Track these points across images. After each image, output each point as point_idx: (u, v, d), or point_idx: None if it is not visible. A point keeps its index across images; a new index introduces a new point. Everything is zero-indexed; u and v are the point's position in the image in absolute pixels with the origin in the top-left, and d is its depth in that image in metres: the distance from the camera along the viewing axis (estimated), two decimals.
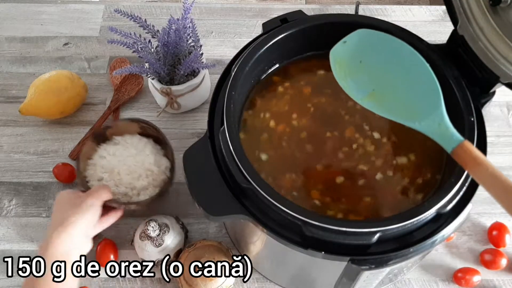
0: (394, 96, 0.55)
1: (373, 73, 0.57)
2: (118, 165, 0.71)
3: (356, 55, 0.58)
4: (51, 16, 0.99)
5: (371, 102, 0.56)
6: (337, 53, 0.58)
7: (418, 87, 0.55)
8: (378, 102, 0.55)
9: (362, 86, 0.56)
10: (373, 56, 0.58)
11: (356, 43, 0.58)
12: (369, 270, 0.52)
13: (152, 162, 0.72)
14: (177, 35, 0.76)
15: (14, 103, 0.88)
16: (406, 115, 0.54)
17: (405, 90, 0.55)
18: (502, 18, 0.58)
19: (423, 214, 0.51)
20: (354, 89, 0.56)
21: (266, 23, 0.65)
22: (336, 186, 0.60)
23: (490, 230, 0.76)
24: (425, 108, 0.53)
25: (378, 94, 0.56)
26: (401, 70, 0.56)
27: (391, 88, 0.56)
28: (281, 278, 0.72)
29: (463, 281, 0.72)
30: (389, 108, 0.55)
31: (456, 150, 0.50)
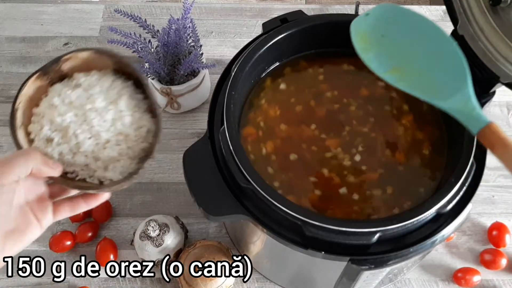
0: (418, 73, 0.53)
1: (395, 48, 0.55)
2: (75, 121, 0.49)
3: (378, 29, 0.56)
4: (51, 16, 0.98)
5: (394, 76, 0.53)
6: (359, 26, 0.56)
7: (443, 64, 0.53)
8: (401, 77, 0.53)
9: (384, 61, 0.54)
10: (396, 31, 0.56)
11: (379, 17, 0.56)
12: (369, 270, 0.52)
13: (127, 122, 0.50)
14: (177, 35, 0.76)
15: None
16: (430, 92, 0.52)
17: (430, 67, 0.53)
18: (502, 18, 0.58)
19: (423, 214, 0.51)
20: (376, 63, 0.54)
21: (266, 23, 0.65)
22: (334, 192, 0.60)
23: (490, 230, 0.76)
24: (451, 86, 0.51)
25: (401, 69, 0.54)
26: (425, 47, 0.54)
27: (415, 64, 0.54)
28: (281, 278, 0.72)
29: (463, 281, 0.72)
30: (412, 84, 0.53)
31: (483, 131, 0.48)
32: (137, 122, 0.50)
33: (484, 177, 0.56)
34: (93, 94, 0.49)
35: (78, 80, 0.51)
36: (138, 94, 0.52)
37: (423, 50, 0.54)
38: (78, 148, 0.48)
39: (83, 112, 0.49)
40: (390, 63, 0.54)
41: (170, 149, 0.84)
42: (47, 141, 0.49)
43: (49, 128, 0.49)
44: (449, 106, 0.50)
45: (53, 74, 0.51)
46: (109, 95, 0.50)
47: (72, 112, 0.49)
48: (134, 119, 0.50)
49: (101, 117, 0.49)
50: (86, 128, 0.49)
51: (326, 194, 0.59)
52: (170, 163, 0.82)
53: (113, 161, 0.49)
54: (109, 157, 0.49)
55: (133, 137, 0.50)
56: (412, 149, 0.62)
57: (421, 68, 0.53)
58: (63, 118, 0.48)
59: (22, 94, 0.49)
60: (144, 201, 0.79)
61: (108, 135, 0.49)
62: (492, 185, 0.81)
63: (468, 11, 0.62)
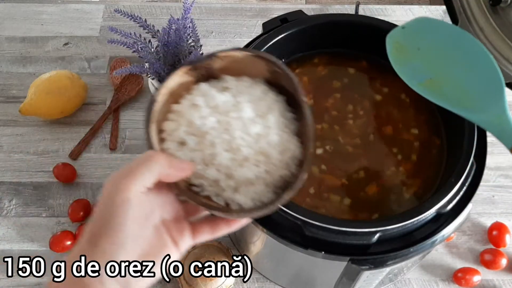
0: (452, 85, 0.53)
1: (431, 61, 0.55)
2: (216, 128, 0.42)
3: (415, 42, 0.56)
4: (51, 16, 0.98)
5: (426, 89, 0.54)
6: (395, 38, 0.57)
7: (478, 77, 0.53)
8: (434, 90, 0.54)
9: (419, 73, 0.55)
10: (432, 44, 0.56)
11: (415, 30, 0.57)
12: (369, 270, 0.52)
13: (274, 141, 0.42)
14: (177, 35, 0.76)
15: (14, 103, 0.87)
16: (463, 105, 0.52)
17: (464, 79, 0.53)
18: (502, 18, 0.58)
19: (423, 214, 0.51)
20: (409, 75, 0.55)
21: (266, 23, 0.65)
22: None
23: (490, 230, 0.76)
24: (485, 99, 0.51)
25: (435, 82, 0.54)
26: (460, 59, 0.54)
27: (449, 77, 0.54)
28: (281, 278, 0.72)
29: (463, 281, 0.72)
30: (445, 97, 0.53)
31: None
32: (284, 145, 0.43)
33: (484, 177, 0.56)
34: (242, 102, 0.43)
35: (227, 83, 0.45)
36: (289, 112, 0.45)
37: (458, 62, 0.54)
38: (212, 159, 0.41)
39: (227, 120, 0.42)
40: (425, 75, 0.54)
41: None
42: (180, 144, 0.42)
43: (186, 130, 0.42)
44: (483, 119, 0.50)
45: (202, 71, 0.44)
46: (258, 107, 0.43)
47: (215, 117, 0.42)
48: (282, 140, 0.43)
49: (245, 130, 0.42)
50: (226, 138, 0.41)
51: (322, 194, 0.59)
52: None
53: (247, 183, 0.42)
54: (244, 177, 0.41)
55: (275, 161, 0.42)
56: (412, 149, 0.62)
57: (455, 81, 0.53)
58: (204, 122, 0.42)
59: (165, 86, 0.43)
60: None
61: (248, 151, 0.41)
62: (492, 185, 0.81)
63: (468, 11, 0.62)
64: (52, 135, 0.85)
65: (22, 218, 0.78)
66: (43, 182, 0.81)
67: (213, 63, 0.44)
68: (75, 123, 0.86)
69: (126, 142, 0.84)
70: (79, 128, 0.85)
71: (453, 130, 0.60)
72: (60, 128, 0.86)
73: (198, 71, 0.44)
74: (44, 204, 0.79)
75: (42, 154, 0.83)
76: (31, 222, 0.77)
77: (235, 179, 0.41)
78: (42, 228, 0.77)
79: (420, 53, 0.56)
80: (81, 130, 0.85)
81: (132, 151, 0.84)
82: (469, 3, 0.62)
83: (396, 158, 0.61)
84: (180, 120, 0.43)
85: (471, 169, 0.54)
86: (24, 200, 0.79)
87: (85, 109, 0.88)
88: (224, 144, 0.41)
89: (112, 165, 0.82)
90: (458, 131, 0.57)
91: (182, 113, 0.43)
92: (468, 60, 0.54)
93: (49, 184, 0.80)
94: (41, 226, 0.77)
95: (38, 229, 0.77)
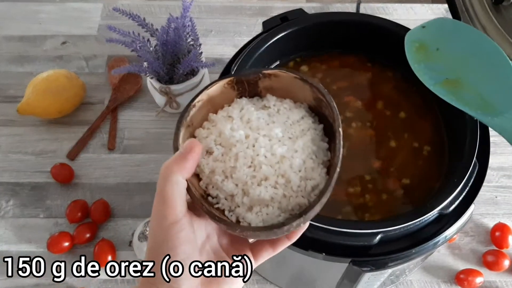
0: (469, 87, 0.53)
1: (449, 62, 0.55)
2: (243, 143, 0.42)
3: (434, 42, 0.56)
4: (49, 15, 0.98)
5: (443, 89, 0.54)
6: (414, 37, 0.57)
7: (495, 81, 0.53)
8: (450, 90, 0.54)
9: (436, 73, 0.55)
10: (451, 45, 0.56)
11: (435, 30, 0.57)
12: (370, 272, 0.51)
13: (296, 165, 0.42)
14: (176, 34, 0.75)
15: (11, 102, 0.87)
16: (479, 108, 0.52)
17: (481, 82, 0.53)
18: (505, 17, 0.58)
19: (426, 215, 0.51)
20: (426, 75, 0.55)
21: (266, 21, 0.65)
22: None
23: (493, 231, 0.75)
24: (501, 103, 0.51)
25: (452, 83, 0.54)
26: (478, 62, 0.54)
27: (466, 79, 0.54)
28: (281, 280, 0.71)
29: (466, 283, 0.71)
30: (461, 98, 0.53)
31: None
32: (307, 172, 0.42)
33: (487, 177, 0.55)
34: (276, 122, 0.43)
35: (268, 102, 0.45)
36: (323, 142, 0.44)
37: (476, 65, 0.54)
38: (232, 173, 0.41)
39: (255, 137, 0.42)
40: (442, 76, 0.54)
41: (169, 149, 0.83)
42: (207, 153, 0.42)
43: (215, 139, 0.42)
44: (497, 123, 0.50)
45: (247, 86, 0.44)
46: (291, 129, 0.43)
47: (245, 131, 0.42)
48: (306, 166, 0.42)
49: (270, 149, 0.41)
50: (250, 154, 0.41)
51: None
52: None
53: (262, 203, 0.41)
54: (260, 197, 0.40)
55: (295, 187, 0.41)
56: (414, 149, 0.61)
57: (472, 83, 0.53)
58: (233, 134, 0.42)
59: (206, 92, 0.43)
60: (143, 202, 0.79)
61: (269, 171, 0.41)
62: (495, 185, 0.80)
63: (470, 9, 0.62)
64: (50, 135, 0.84)
65: (19, 219, 0.77)
66: (40, 183, 0.80)
67: (258, 80, 0.44)
68: (73, 122, 0.86)
69: (124, 142, 0.84)
70: (77, 128, 0.85)
71: (455, 130, 0.60)
72: (58, 128, 0.85)
73: (242, 86, 0.44)
74: (42, 205, 0.78)
75: (40, 154, 0.83)
76: (28, 223, 0.77)
77: (250, 197, 0.41)
78: (40, 229, 0.76)
79: (439, 53, 0.56)
80: (79, 130, 0.85)
81: (131, 151, 0.83)
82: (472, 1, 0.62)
83: (397, 158, 0.61)
84: (212, 129, 0.43)
85: (473, 169, 0.54)
86: (21, 201, 0.79)
87: (83, 108, 0.87)
88: (246, 159, 0.41)
89: (110, 165, 0.81)
90: (461, 132, 0.57)
91: (216, 123, 0.43)
92: (486, 63, 0.54)
93: (47, 185, 0.80)
94: (39, 227, 0.76)
95: (36, 230, 0.76)
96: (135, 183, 0.80)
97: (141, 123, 0.86)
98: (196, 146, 0.38)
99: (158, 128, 0.85)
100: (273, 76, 0.44)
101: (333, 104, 0.42)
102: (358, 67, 0.67)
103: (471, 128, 0.56)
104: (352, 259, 0.51)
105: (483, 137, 0.57)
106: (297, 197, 0.41)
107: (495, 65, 0.53)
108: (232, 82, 0.44)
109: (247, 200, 0.41)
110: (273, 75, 0.44)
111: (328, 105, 0.42)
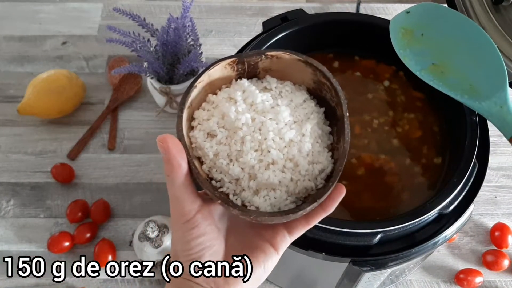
0: (455, 72, 0.53)
1: (434, 46, 0.55)
2: (250, 126, 0.41)
3: (419, 28, 0.56)
4: (49, 15, 0.98)
5: (430, 75, 0.53)
6: (399, 23, 0.56)
7: (481, 66, 0.52)
8: (437, 76, 0.53)
9: (422, 59, 0.54)
10: (436, 30, 0.55)
11: (419, 15, 0.56)
12: (370, 271, 0.51)
13: (305, 150, 0.41)
14: (176, 34, 0.75)
15: (12, 102, 0.87)
16: (465, 93, 0.51)
17: (467, 67, 0.53)
18: (504, 17, 0.58)
19: (425, 215, 0.51)
20: (413, 61, 0.54)
21: (266, 21, 0.65)
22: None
23: (493, 231, 0.75)
24: (487, 88, 0.51)
25: (438, 68, 0.54)
26: (464, 47, 0.54)
27: (452, 64, 0.54)
28: (281, 279, 0.71)
29: (465, 283, 0.71)
30: (448, 84, 0.53)
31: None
32: (314, 156, 0.42)
33: (486, 177, 0.55)
34: (281, 105, 0.42)
35: (270, 84, 0.44)
36: (325, 126, 0.44)
37: (462, 50, 0.54)
38: (238, 157, 0.40)
39: (262, 120, 0.41)
40: (429, 61, 0.54)
41: None
42: (208, 135, 0.41)
43: (217, 122, 0.41)
44: (484, 108, 0.50)
45: (247, 67, 0.43)
46: (295, 113, 0.42)
47: (251, 114, 0.41)
48: (313, 151, 0.42)
49: (278, 133, 0.41)
50: (258, 137, 0.40)
51: None
52: None
53: (269, 187, 0.40)
54: (268, 181, 0.40)
55: (303, 171, 0.41)
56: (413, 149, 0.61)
57: (458, 67, 0.53)
58: (238, 117, 0.40)
59: (208, 73, 0.42)
60: (143, 202, 0.79)
61: (278, 155, 0.40)
62: (495, 185, 0.81)
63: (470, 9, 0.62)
64: (50, 135, 0.85)
65: (20, 219, 0.77)
66: (41, 183, 0.80)
67: (259, 61, 0.43)
68: (73, 123, 0.86)
69: (124, 142, 0.84)
70: (77, 128, 0.85)
71: (455, 130, 0.60)
72: (58, 128, 0.85)
73: (242, 66, 0.43)
74: (42, 205, 0.78)
75: (40, 154, 0.83)
76: (29, 223, 0.77)
77: (257, 181, 0.40)
78: (40, 229, 0.76)
79: (424, 38, 0.55)
80: (80, 130, 0.85)
81: (131, 151, 0.83)
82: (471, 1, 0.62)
83: (397, 158, 0.61)
84: (213, 111, 0.42)
85: (473, 169, 0.54)
86: (22, 201, 0.79)
87: (83, 108, 0.87)
88: (254, 143, 0.40)
89: (110, 165, 0.82)
90: (460, 132, 0.57)
91: (217, 104, 0.42)
92: (472, 48, 0.53)
93: (47, 185, 0.80)
94: (39, 227, 0.77)
95: (36, 230, 0.76)
96: (135, 183, 0.80)
97: (141, 123, 0.86)
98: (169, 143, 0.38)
99: (158, 128, 0.85)
100: (275, 58, 0.43)
101: (338, 87, 0.42)
102: (358, 67, 0.67)
103: (471, 128, 0.56)
104: (352, 259, 0.51)
105: (483, 137, 0.57)
106: (304, 181, 0.41)
107: (481, 49, 0.53)
108: (234, 62, 0.43)
109: (253, 184, 0.40)
110: (275, 56, 0.43)
111: (333, 88, 0.42)
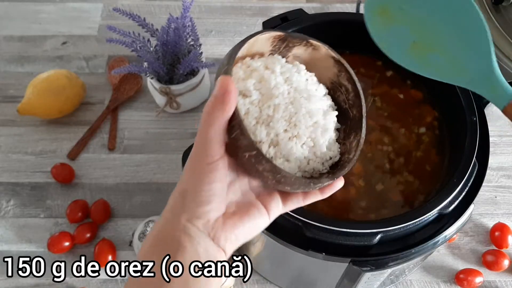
0: (437, 48, 0.50)
1: (414, 21, 0.51)
2: (285, 97, 0.42)
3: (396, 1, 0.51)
4: (49, 15, 0.98)
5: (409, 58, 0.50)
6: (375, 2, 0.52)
7: (464, 36, 0.48)
8: (418, 57, 0.50)
9: (402, 38, 0.51)
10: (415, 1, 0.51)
11: None
12: (370, 271, 0.51)
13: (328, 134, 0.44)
14: (176, 34, 0.75)
15: (12, 102, 0.87)
16: (451, 72, 0.48)
17: (450, 40, 0.49)
18: (504, 17, 0.58)
19: (425, 215, 0.51)
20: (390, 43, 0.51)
21: (266, 21, 0.65)
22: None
23: (493, 231, 0.75)
24: (472, 60, 0.47)
25: (420, 46, 0.50)
26: (444, 16, 0.50)
27: (433, 38, 0.50)
28: (281, 280, 0.71)
29: (465, 283, 0.71)
30: (431, 64, 0.49)
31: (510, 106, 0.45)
32: (330, 143, 0.44)
33: (486, 177, 0.55)
34: (310, 90, 0.44)
35: (299, 70, 0.44)
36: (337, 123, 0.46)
37: (442, 20, 0.50)
38: (268, 121, 0.41)
39: (297, 97, 0.42)
40: (409, 39, 0.51)
41: (169, 149, 0.83)
42: (242, 94, 0.42)
43: (254, 84, 0.42)
44: (472, 83, 0.47)
45: (284, 47, 0.44)
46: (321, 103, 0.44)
47: (286, 86, 0.42)
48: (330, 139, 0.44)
49: (309, 112, 0.42)
50: (290, 109, 0.42)
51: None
52: (169, 164, 0.82)
53: (285, 157, 0.42)
54: (290, 152, 0.42)
55: (318, 152, 0.43)
56: (413, 149, 0.61)
57: (440, 42, 0.50)
58: (277, 85, 0.42)
59: (257, 37, 0.42)
60: (143, 202, 0.79)
61: (302, 131, 0.42)
62: (495, 185, 0.81)
63: None
64: (50, 135, 0.85)
65: (20, 219, 0.77)
66: (41, 183, 0.80)
67: (297, 45, 0.44)
68: (73, 123, 0.86)
69: (124, 142, 0.84)
70: (78, 128, 0.85)
71: (455, 130, 0.60)
72: (58, 128, 0.85)
73: (281, 45, 0.44)
74: (42, 205, 0.78)
75: (40, 154, 0.83)
76: (29, 223, 0.77)
77: (279, 148, 0.42)
78: (40, 229, 0.76)
79: (403, 13, 0.51)
80: (80, 130, 0.85)
81: (131, 151, 0.83)
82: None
83: (397, 158, 0.61)
84: (252, 73, 0.43)
85: (473, 169, 0.54)
86: (22, 201, 0.79)
87: (83, 108, 0.87)
88: (285, 113, 0.42)
89: (110, 165, 0.81)
90: (460, 132, 0.57)
91: (255, 68, 0.43)
92: (453, 17, 0.49)
93: (47, 185, 0.80)
94: (39, 227, 0.77)
95: (36, 230, 0.76)
96: (135, 183, 0.80)
97: (141, 123, 0.86)
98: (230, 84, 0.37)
99: (158, 128, 0.85)
100: (312, 48, 0.45)
101: (361, 92, 0.44)
102: (358, 67, 0.67)
103: (471, 128, 0.56)
104: (352, 259, 0.51)
105: (483, 137, 0.57)
106: (315, 162, 0.43)
107: (462, 17, 0.49)
108: (278, 38, 0.43)
109: (272, 151, 0.41)
110: (314, 46, 0.44)
111: (354, 92, 0.45)
